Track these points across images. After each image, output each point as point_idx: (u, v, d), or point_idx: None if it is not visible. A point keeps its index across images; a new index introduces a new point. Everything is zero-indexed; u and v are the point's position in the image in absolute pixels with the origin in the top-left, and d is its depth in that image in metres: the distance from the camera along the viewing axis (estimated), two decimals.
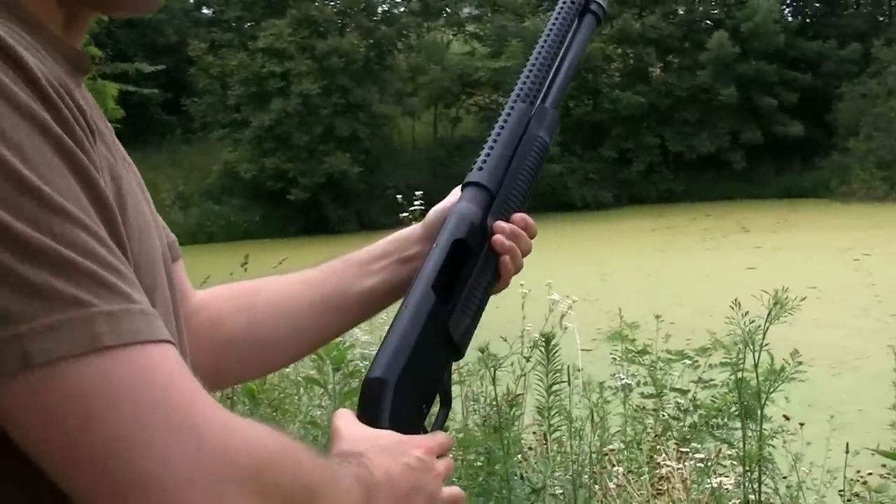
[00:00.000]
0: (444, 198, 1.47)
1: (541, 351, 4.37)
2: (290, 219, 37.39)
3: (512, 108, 1.41)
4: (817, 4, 49.18)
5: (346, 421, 1.18)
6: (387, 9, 45.37)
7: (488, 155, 1.37)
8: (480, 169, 1.36)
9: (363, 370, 5.32)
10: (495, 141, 1.38)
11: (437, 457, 1.18)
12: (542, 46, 1.46)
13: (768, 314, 3.53)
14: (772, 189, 43.10)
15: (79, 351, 0.76)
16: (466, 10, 46.54)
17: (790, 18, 48.66)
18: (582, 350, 5.88)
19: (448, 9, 46.00)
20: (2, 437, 0.79)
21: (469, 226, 1.31)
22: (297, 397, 5.69)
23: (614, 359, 4.95)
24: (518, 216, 1.37)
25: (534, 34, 39.49)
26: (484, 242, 1.32)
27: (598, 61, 43.30)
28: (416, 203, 4.83)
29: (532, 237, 1.39)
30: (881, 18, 49.88)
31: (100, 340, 0.77)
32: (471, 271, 1.30)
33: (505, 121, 1.40)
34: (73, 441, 0.77)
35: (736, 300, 3.58)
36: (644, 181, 43.61)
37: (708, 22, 47.04)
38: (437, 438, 1.20)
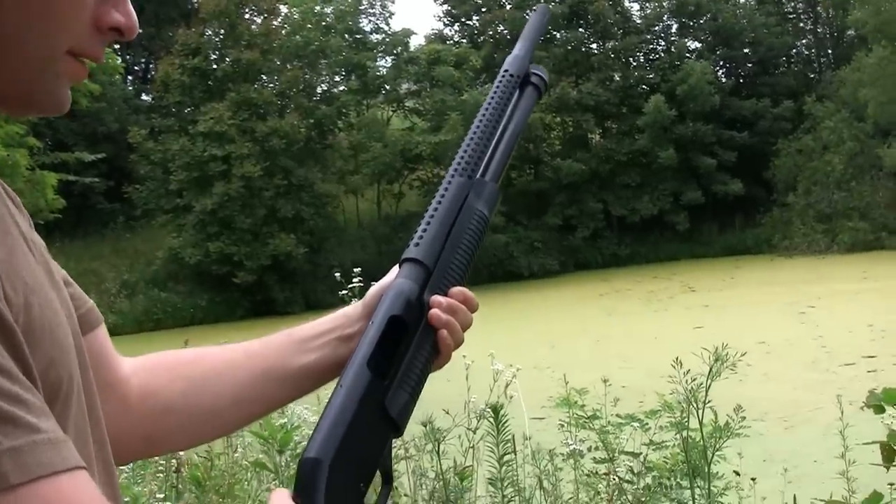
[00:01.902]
0: (387, 274, 1.45)
1: (489, 422, 4.34)
2: (236, 302, 37.16)
3: (449, 182, 1.40)
4: (749, 65, 50.11)
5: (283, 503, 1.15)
6: (326, 88, 45.62)
7: (425, 230, 1.36)
8: (417, 245, 1.34)
9: None
10: (432, 216, 1.36)
11: None
12: (480, 120, 1.45)
13: (709, 371, 3.53)
14: (716, 248, 43.63)
15: None
16: (405, 85, 46.87)
17: (724, 79, 49.50)
18: (534, 419, 5.86)
19: (387, 85, 46.35)
20: None
21: (405, 302, 1.29)
22: (246, 482, 5.60)
23: (562, 425, 4.92)
24: (457, 290, 1.35)
25: (473, 107, 39.48)
26: (421, 318, 1.31)
27: (538, 130, 43.79)
28: (355, 281, 4.79)
29: (473, 310, 1.37)
30: (812, 76, 50.97)
31: (6, 479, 0.76)
32: (408, 348, 1.29)
33: (442, 195, 1.38)
34: None
35: (677, 359, 3.58)
36: (589, 247, 43.93)
37: (644, 87, 47.73)
38: None
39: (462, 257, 1.36)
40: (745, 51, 49.45)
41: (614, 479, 4.46)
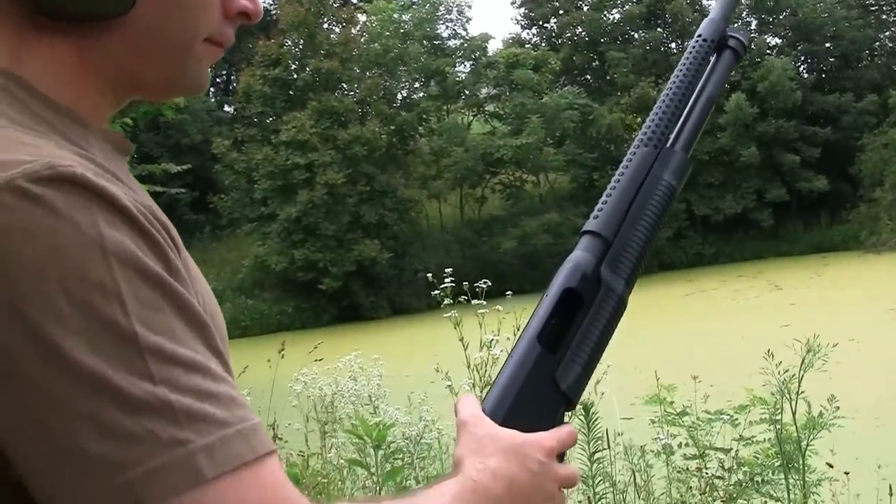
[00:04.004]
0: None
1: (579, 419, 4.38)
2: (322, 308, 37.37)
3: (633, 153, 1.36)
4: (831, 59, 49.37)
5: (472, 412, 1.19)
6: (405, 94, 45.81)
7: (605, 202, 1.32)
8: (596, 217, 1.31)
9: (404, 449, 5.33)
10: (613, 188, 1.33)
11: (560, 455, 1.19)
12: (669, 89, 1.43)
13: (801, 361, 3.54)
14: (801, 245, 43.04)
15: (185, 489, 0.81)
16: (484, 90, 46.88)
17: (805, 75, 48.82)
18: (623, 419, 5.87)
19: (466, 90, 46.40)
20: None
21: (581, 275, 1.27)
22: (340, 481, 5.68)
23: (652, 421, 4.93)
24: None
25: (553, 109, 39.03)
26: (597, 292, 1.28)
27: (618, 131, 43.59)
28: (446, 281, 4.80)
29: None
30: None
31: (202, 475, 0.81)
32: (581, 321, 1.27)
33: (625, 167, 1.35)
34: None
35: (769, 351, 3.59)
36: (673, 247, 43.54)
37: (725, 85, 47.10)
38: (559, 436, 1.20)
39: (644, 229, 1.32)
40: (827, 45, 48.64)
41: (706, 474, 4.47)
